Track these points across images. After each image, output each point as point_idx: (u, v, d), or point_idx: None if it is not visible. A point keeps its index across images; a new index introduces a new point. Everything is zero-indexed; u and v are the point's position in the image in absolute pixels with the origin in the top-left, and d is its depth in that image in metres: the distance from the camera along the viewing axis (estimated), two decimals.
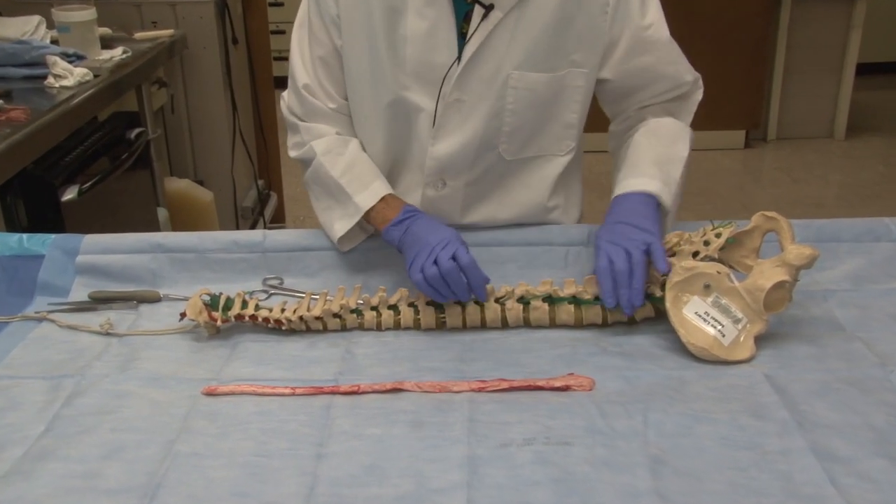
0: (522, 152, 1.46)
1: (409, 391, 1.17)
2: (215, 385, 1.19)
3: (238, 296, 1.34)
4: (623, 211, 1.35)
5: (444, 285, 1.29)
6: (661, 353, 1.24)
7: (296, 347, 1.29)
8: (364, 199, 1.41)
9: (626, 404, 1.12)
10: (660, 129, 1.47)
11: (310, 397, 1.17)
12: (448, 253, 1.29)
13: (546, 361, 1.23)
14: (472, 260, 1.29)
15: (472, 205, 1.50)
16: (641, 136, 1.47)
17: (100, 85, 2.26)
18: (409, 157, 1.48)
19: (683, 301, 1.25)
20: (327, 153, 1.46)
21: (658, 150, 1.43)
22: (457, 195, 1.48)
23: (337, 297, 1.34)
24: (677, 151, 1.44)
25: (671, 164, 1.42)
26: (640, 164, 1.41)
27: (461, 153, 1.43)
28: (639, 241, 1.28)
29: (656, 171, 1.39)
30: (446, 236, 1.32)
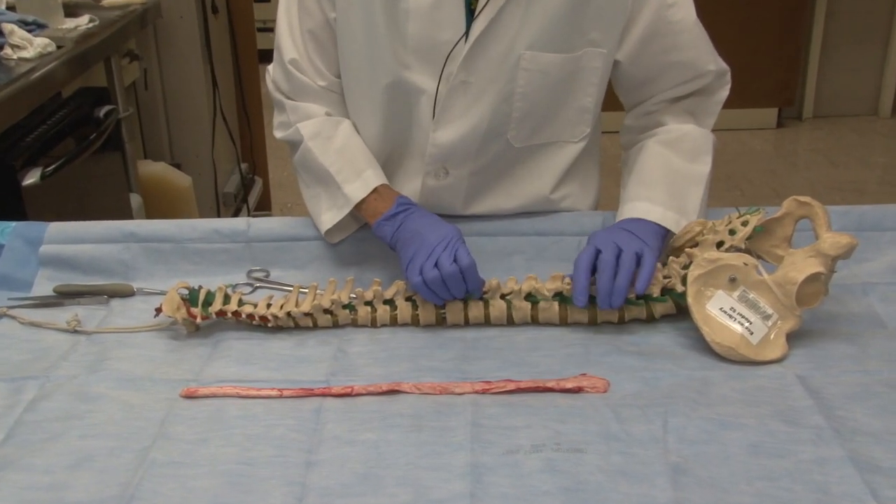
0: (533, 139, 1.47)
1: (407, 393, 1.18)
2: (195, 387, 1.21)
3: (219, 290, 1.35)
4: (626, 225, 1.36)
5: (444, 289, 1.30)
6: (683, 353, 1.26)
7: (283, 346, 1.31)
8: (355, 190, 1.42)
9: (644, 408, 1.13)
10: (679, 142, 1.47)
11: (298, 400, 1.18)
12: (449, 254, 1.30)
13: (556, 361, 1.25)
14: (472, 262, 1.30)
15: (477, 195, 1.51)
16: (656, 147, 1.47)
17: (63, 57, 2.25)
18: (408, 144, 1.48)
19: (707, 296, 1.26)
20: (315, 137, 1.46)
21: (675, 169, 1.43)
22: (460, 185, 1.49)
23: (328, 291, 1.35)
24: (698, 170, 1.45)
25: (690, 186, 1.42)
26: (652, 186, 1.41)
27: (466, 140, 1.44)
28: (634, 246, 1.29)
29: (669, 197, 1.39)
30: (446, 234, 1.33)
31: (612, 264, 1.28)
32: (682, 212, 1.39)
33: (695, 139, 1.48)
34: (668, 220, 1.37)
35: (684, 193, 1.41)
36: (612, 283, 1.27)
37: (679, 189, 1.41)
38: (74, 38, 2.38)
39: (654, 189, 1.40)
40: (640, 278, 1.28)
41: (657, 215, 1.37)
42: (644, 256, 1.29)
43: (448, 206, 1.50)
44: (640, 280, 1.28)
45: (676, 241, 1.36)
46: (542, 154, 1.49)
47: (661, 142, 1.47)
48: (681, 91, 1.48)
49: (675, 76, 1.47)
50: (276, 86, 1.52)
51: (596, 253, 1.29)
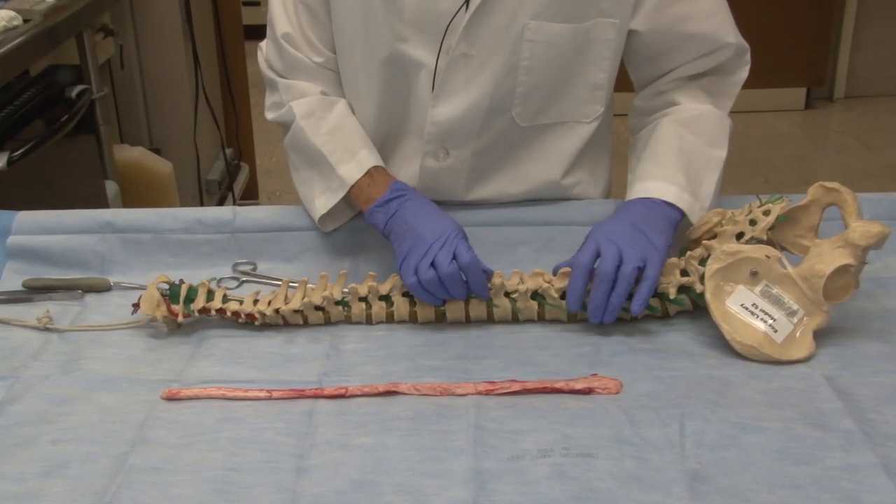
0: (540, 118, 1.48)
1: (405, 394, 1.19)
2: (177, 388, 1.21)
3: (203, 285, 1.36)
4: (636, 214, 1.35)
5: (442, 290, 1.31)
6: (701, 351, 1.27)
7: (272, 344, 1.32)
8: (349, 171, 1.42)
9: (660, 410, 1.14)
10: (695, 122, 1.47)
11: (288, 402, 1.19)
12: (447, 252, 1.30)
13: (565, 360, 1.26)
14: (473, 259, 1.30)
15: (479, 178, 1.52)
16: (671, 125, 1.46)
17: (31, 32, 2.22)
18: (406, 122, 1.49)
19: (727, 291, 1.27)
20: (308, 116, 1.47)
21: (690, 149, 1.43)
22: (461, 167, 1.49)
23: (319, 286, 1.36)
24: (714, 154, 1.44)
25: (706, 171, 1.42)
26: (666, 165, 1.41)
27: (467, 117, 1.44)
28: (637, 253, 1.29)
29: (685, 178, 1.39)
30: (444, 229, 1.33)
31: (610, 277, 1.27)
32: (695, 195, 1.38)
33: (712, 121, 1.48)
34: (684, 202, 1.37)
35: (700, 177, 1.41)
36: (606, 298, 1.28)
37: (694, 171, 1.41)
38: (43, 10, 2.36)
39: (667, 167, 1.40)
40: (638, 298, 1.28)
41: (671, 195, 1.37)
42: (647, 268, 1.28)
43: (449, 189, 1.50)
44: (637, 300, 1.28)
45: (693, 233, 1.37)
46: (551, 135, 1.50)
47: (676, 121, 1.47)
48: (697, 67, 1.48)
49: (692, 49, 1.46)
50: (269, 63, 1.52)
51: (596, 254, 1.29)
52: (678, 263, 1.31)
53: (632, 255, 1.28)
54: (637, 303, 1.28)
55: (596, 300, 1.28)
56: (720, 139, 1.47)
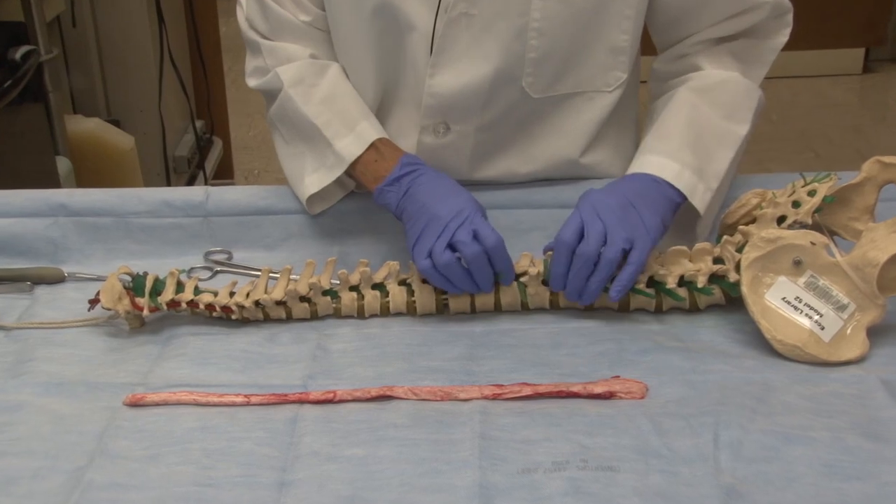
0: (554, 88, 1.48)
1: (402, 399, 1.20)
2: (141, 392, 1.22)
3: (171, 275, 1.37)
4: (630, 189, 1.36)
5: (460, 274, 1.32)
6: (738, 351, 1.28)
7: (250, 342, 1.33)
8: (349, 147, 1.43)
9: (691, 418, 1.15)
10: (714, 91, 1.47)
11: (269, 408, 1.20)
12: (467, 231, 1.31)
13: (583, 360, 1.27)
14: (499, 239, 1.31)
15: (486, 156, 1.53)
16: (686, 93, 1.47)
17: None
18: (400, 92, 1.50)
19: (766, 283, 1.28)
20: (298, 83, 1.47)
21: (702, 122, 1.43)
22: (464, 144, 1.50)
23: (304, 275, 1.37)
24: (732, 129, 1.45)
25: (719, 145, 1.43)
26: (671, 139, 1.41)
27: (470, 88, 1.45)
28: (627, 232, 1.29)
29: (692, 154, 1.39)
30: (462, 207, 1.33)
31: (591, 259, 1.28)
32: (701, 174, 1.39)
33: (735, 90, 1.48)
34: (684, 181, 1.37)
35: (709, 154, 1.41)
36: (585, 281, 1.29)
37: (704, 147, 1.41)
38: None
39: (672, 142, 1.41)
40: (617, 283, 1.29)
41: (671, 173, 1.37)
42: (633, 252, 1.29)
43: (451, 169, 1.50)
44: (616, 286, 1.29)
45: (729, 217, 1.38)
46: (567, 107, 1.50)
47: (694, 88, 1.47)
48: (727, 29, 1.48)
49: (722, 7, 1.46)
50: (251, 23, 1.53)
51: (580, 230, 1.30)
52: (711, 250, 1.32)
53: (618, 235, 1.29)
54: (616, 288, 1.29)
55: (573, 283, 1.30)
56: (742, 112, 1.47)
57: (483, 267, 1.31)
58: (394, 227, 1.47)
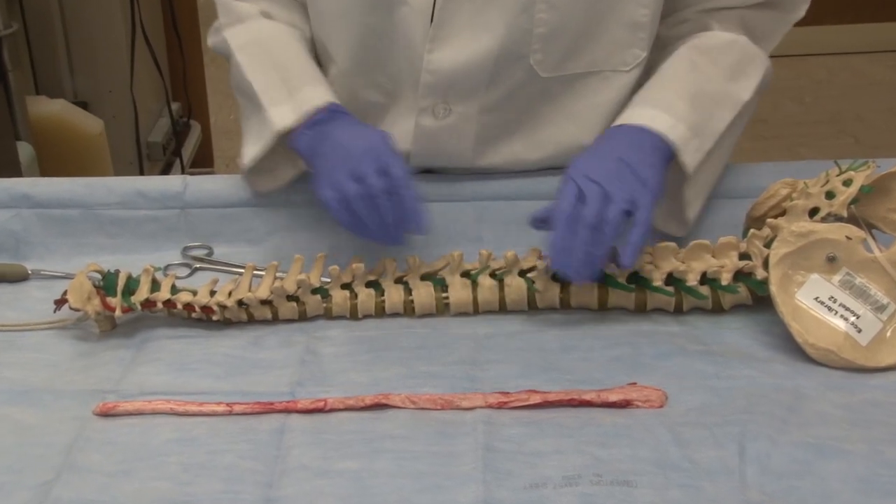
0: (565, 66, 1.48)
1: (399, 408, 1.21)
2: (113, 401, 1.23)
3: (146, 272, 1.37)
4: (619, 144, 1.36)
5: (366, 209, 1.32)
6: (767, 355, 1.28)
7: (233, 346, 1.33)
8: (283, 114, 1.43)
9: (714, 428, 1.15)
10: (721, 50, 1.47)
11: (254, 417, 1.20)
12: (375, 164, 1.32)
13: (597, 365, 1.27)
14: (405, 175, 1.32)
15: (491, 141, 1.53)
16: (686, 50, 1.47)
17: None
18: (395, 68, 1.50)
19: (797, 282, 1.28)
20: (244, 47, 1.49)
21: (702, 78, 1.44)
22: (467, 127, 1.51)
23: (292, 272, 1.38)
24: (734, 91, 1.45)
25: (717, 106, 1.43)
26: (664, 90, 1.42)
27: (473, 65, 1.45)
28: (625, 192, 1.29)
29: (687, 108, 1.39)
30: (375, 142, 1.35)
31: (592, 224, 1.27)
32: (697, 131, 1.39)
33: (742, 53, 1.48)
34: (677, 132, 1.37)
35: (708, 112, 1.42)
36: (586, 249, 1.28)
37: (702, 104, 1.42)
38: None
39: (665, 93, 1.42)
40: (629, 248, 1.29)
41: (663, 124, 1.37)
42: (637, 211, 1.29)
43: (452, 154, 1.51)
44: (628, 252, 1.29)
45: (756, 209, 1.38)
46: (580, 88, 1.50)
47: (695, 45, 1.48)
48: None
49: None
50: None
51: (578, 197, 1.29)
52: (737, 245, 1.33)
53: (617, 195, 1.29)
54: (627, 254, 1.29)
55: (577, 255, 1.28)
56: (747, 78, 1.47)
57: (386, 204, 1.32)
58: None
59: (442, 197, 1.54)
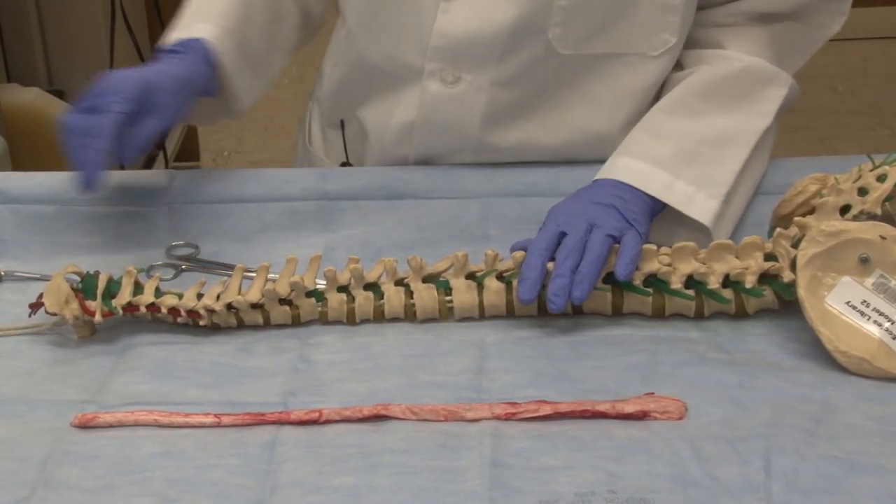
0: (587, 45, 1.49)
1: (399, 419, 1.21)
2: (93, 412, 1.23)
3: (128, 274, 1.37)
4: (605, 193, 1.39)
5: (75, 140, 1.35)
6: (793, 363, 1.28)
7: (221, 353, 1.34)
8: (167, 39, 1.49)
9: (737, 441, 1.15)
10: (734, 80, 1.48)
11: (244, 430, 1.20)
12: (96, 99, 1.36)
13: (611, 374, 1.28)
14: (111, 122, 1.34)
15: (500, 118, 1.54)
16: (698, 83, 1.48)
17: None
18: (402, 28, 1.51)
19: (827, 285, 1.29)
20: None
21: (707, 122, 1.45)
22: (476, 99, 1.52)
23: (285, 273, 1.38)
24: (748, 124, 1.46)
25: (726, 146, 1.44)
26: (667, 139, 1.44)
27: (487, 32, 1.46)
28: (612, 223, 1.33)
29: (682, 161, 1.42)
30: (115, 83, 1.38)
31: (577, 250, 1.31)
32: (701, 182, 1.41)
33: (756, 78, 1.49)
34: (674, 194, 1.40)
35: (714, 159, 1.44)
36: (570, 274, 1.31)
37: (707, 152, 1.44)
38: None
39: (665, 144, 1.43)
40: (622, 260, 1.31)
41: (657, 186, 1.41)
42: (625, 236, 1.32)
43: (458, 125, 1.53)
44: (622, 263, 1.31)
45: (783, 207, 1.39)
46: (601, 70, 1.51)
47: (707, 78, 1.49)
48: (773, 4, 1.49)
49: None
50: None
51: (558, 234, 1.33)
52: (762, 245, 1.33)
53: (605, 223, 1.32)
54: (623, 264, 1.30)
55: (556, 282, 1.30)
56: (763, 104, 1.49)
57: (73, 143, 1.35)
58: (390, 216, 1.49)
59: (445, 192, 1.55)
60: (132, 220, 1.53)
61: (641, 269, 1.34)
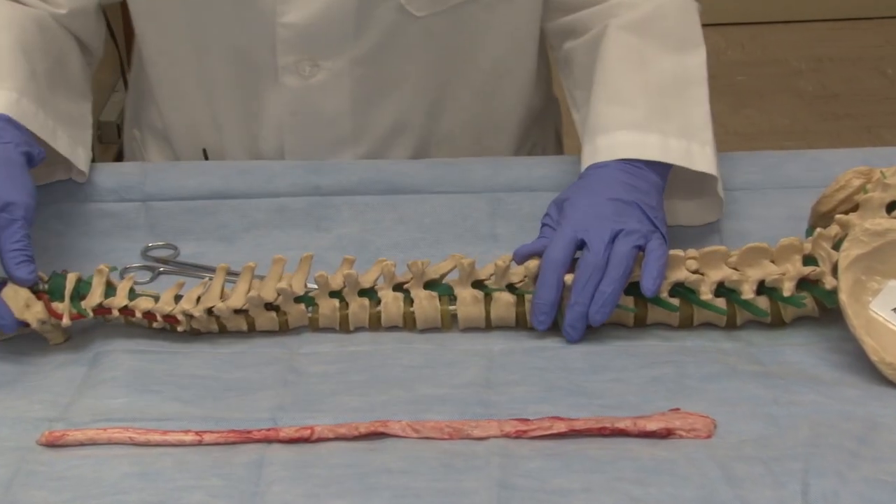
0: (442, 1, 1.51)
1: (399, 437, 1.21)
2: (61, 429, 1.23)
3: (99, 273, 1.37)
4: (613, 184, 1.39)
5: None
6: (835, 376, 1.29)
7: (203, 363, 1.34)
8: None
9: (772, 463, 1.15)
10: (654, 21, 1.50)
11: (228, 448, 1.20)
12: None
13: (632, 387, 1.28)
14: None
15: (372, 98, 1.57)
16: (624, 34, 1.49)
17: None
18: (242, 26, 1.53)
19: (872, 289, 1.29)
20: None
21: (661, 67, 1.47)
22: (341, 84, 1.55)
23: (272, 275, 1.39)
24: (692, 62, 1.49)
25: (689, 89, 1.47)
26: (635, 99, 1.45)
27: (333, 13, 1.49)
28: (638, 230, 1.33)
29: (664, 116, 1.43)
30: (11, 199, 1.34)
31: (600, 266, 1.31)
32: (687, 133, 1.43)
33: (673, 14, 1.52)
34: (673, 151, 1.41)
35: (684, 105, 1.46)
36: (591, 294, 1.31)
37: (674, 99, 1.46)
38: None
39: (635, 105, 1.44)
40: (647, 272, 1.31)
41: (653, 149, 1.41)
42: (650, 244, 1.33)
43: (331, 117, 1.56)
44: (648, 277, 1.31)
45: (823, 203, 1.39)
46: (465, 25, 1.54)
47: (627, 26, 1.50)
48: None
49: None
50: None
51: (574, 243, 1.34)
52: (800, 246, 1.34)
53: (630, 229, 1.33)
54: (650, 278, 1.31)
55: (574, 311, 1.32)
56: (693, 35, 1.51)
57: None
58: (386, 214, 1.50)
59: (448, 186, 1.56)
60: (104, 218, 1.54)
61: (668, 279, 1.34)
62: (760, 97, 4.13)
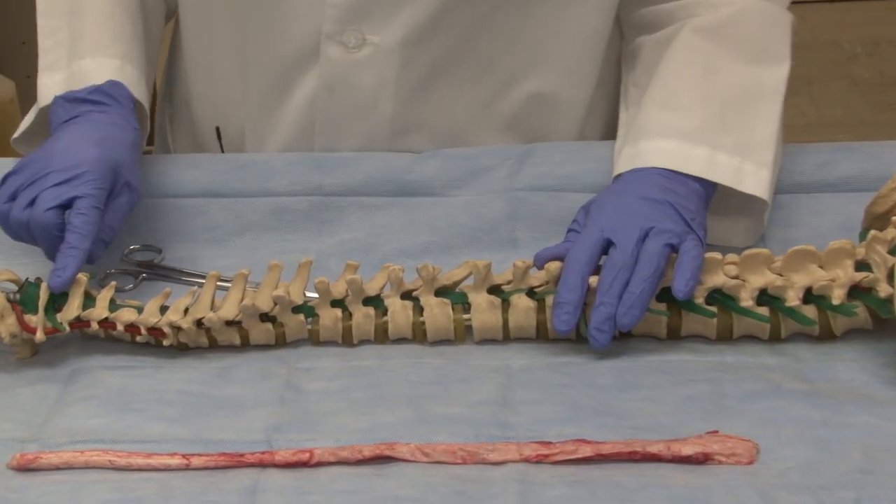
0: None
1: (407, 461, 1.21)
2: (35, 451, 1.24)
3: (77, 283, 1.38)
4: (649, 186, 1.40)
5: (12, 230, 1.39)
6: (889, 396, 1.29)
7: (191, 379, 1.35)
8: (48, 85, 1.51)
9: (820, 491, 1.16)
10: (730, 27, 1.50)
11: (219, 473, 1.21)
12: (30, 192, 1.37)
13: (666, 407, 1.28)
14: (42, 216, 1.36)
15: (421, 85, 1.57)
16: (694, 37, 1.50)
17: None
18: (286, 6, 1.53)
19: None
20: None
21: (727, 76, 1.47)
22: (387, 63, 1.55)
23: (267, 283, 1.39)
24: (767, 75, 1.49)
25: (757, 103, 1.47)
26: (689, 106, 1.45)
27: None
28: (671, 229, 1.34)
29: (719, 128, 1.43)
30: (78, 163, 1.37)
31: (628, 265, 1.32)
32: (744, 150, 1.43)
33: (758, 22, 1.52)
34: (719, 168, 1.42)
35: (748, 119, 1.46)
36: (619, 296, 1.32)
37: (737, 112, 1.46)
38: None
39: (689, 114, 1.45)
40: (682, 275, 1.31)
41: (697, 162, 1.42)
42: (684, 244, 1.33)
43: (371, 101, 1.56)
44: (681, 279, 1.31)
45: (877, 205, 1.39)
46: (534, 11, 1.54)
47: (702, 29, 1.51)
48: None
49: None
50: None
51: (601, 242, 1.34)
52: (852, 251, 1.34)
53: (662, 228, 1.33)
54: (682, 280, 1.31)
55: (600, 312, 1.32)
56: (776, 46, 1.51)
57: (25, 233, 1.39)
58: (393, 217, 1.50)
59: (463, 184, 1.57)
60: None
61: (704, 284, 1.34)
62: (810, 85, 4.13)
